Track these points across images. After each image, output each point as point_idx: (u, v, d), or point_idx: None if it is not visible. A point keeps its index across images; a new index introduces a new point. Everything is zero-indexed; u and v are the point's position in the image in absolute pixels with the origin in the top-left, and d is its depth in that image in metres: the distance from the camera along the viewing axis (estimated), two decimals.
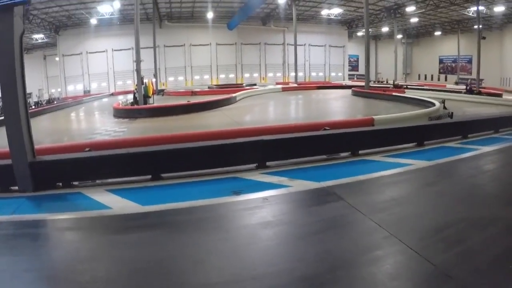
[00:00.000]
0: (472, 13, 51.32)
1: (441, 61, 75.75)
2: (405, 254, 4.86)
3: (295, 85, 51.11)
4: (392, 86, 42.89)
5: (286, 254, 5.07)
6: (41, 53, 61.75)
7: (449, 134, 13.50)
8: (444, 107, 23.40)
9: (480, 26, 46.20)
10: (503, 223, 6.01)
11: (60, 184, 8.42)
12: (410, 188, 8.28)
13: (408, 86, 45.63)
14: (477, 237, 5.45)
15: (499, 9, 48.91)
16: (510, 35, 58.36)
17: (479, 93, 36.99)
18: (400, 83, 49.08)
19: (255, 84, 54.13)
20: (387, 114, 18.65)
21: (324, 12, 58.26)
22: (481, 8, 45.69)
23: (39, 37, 55.36)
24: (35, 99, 52.83)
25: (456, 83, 62.14)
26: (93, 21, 50.43)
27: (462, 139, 13.50)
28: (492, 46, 58.11)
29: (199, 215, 6.44)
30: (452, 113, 19.38)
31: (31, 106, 40.10)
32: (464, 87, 43.87)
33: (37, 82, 59.92)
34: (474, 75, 51.16)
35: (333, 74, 71.12)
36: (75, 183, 8.53)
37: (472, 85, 41.95)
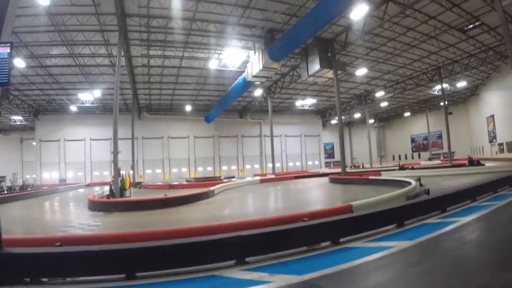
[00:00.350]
0: (437, 92, 55.49)
1: (413, 140, 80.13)
2: None
3: (273, 176, 51.44)
4: (398, 168, 43.29)
5: None
6: (19, 136, 62.26)
7: (428, 211, 13.67)
8: (420, 184, 23.77)
9: (446, 103, 49.78)
10: None
11: (28, 279, 7.95)
12: (394, 271, 8.07)
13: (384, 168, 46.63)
14: None
15: (461, 84, 53.21)
16: (474, 106, 62.51)
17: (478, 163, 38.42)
18: (405, 164, 49.62)
19: (233, 177, 54.75)
20: (365, 199, 18.63)
21: (298, 103, 60.70)
22: (445, 85, 49.06)
23: (17, 118, 56.19)
24: (8, 184, 51.91)
25: (429, 159, 64.31)
26: (73, 108, 51.47)
27: (441, 213, 13.73)
28: (460, 119, 63.63)
29: None
30: (428, 189, 19.56)
31: (3, 191, 39.37)
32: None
33: (12, 165, 59.90)
34: (446, 149, 54.40)
35: (310, 162, 72.57)
36: (44, 279, 8.07)
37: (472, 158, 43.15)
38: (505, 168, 30.29)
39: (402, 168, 42.49)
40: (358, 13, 26.27)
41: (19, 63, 32.75)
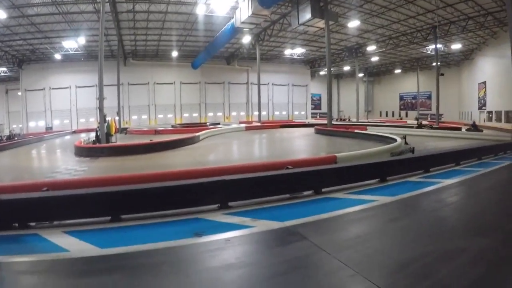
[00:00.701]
0: (431, 51, 54.10)
1: (401, 98, 78.65)
2: None
3: (259, 124, 51.62)
4: (416, 125, 42.22)
5: None
6: (4, 87, 60.80)
7: (411, 169, 13.85)
8: (406, 143, 23.87)
9: (439, 63, 48.25)
10: (469, 254, 6.10)
11: (16, 224, 8.08)
12: (374, 224, 8.29)
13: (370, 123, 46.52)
14: (444, 270, 5.46)
15: (456, 46, 51.44)
16: (467, 71, 61.33)
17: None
18: (424, 122, 47.90)
19: (219, 123, 54.56)
20: (349, 152, 18.83)
21: (287, 52, 59.69)
22: (439, 46, 47.75)
23: (1, 70, 54.83)
24: None
25: (417, 119, 63.84)
26: (57, 56, 50.28)
27: (424, 173, 13.92)
28: (451, 82, 61.85)
29: (159, 258, 6.22)
30: (413, 148, 19.75)
31: None
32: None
33: None
34: (434, 111, 53.04)
35: (296, 112, 72.31)
36: (32, 224, 8.20)
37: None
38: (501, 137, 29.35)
39: (420, 126, 41.31)
40: None
41: (1, 14, 31.64)
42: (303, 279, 5.33)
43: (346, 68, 72.56)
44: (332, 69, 50.55)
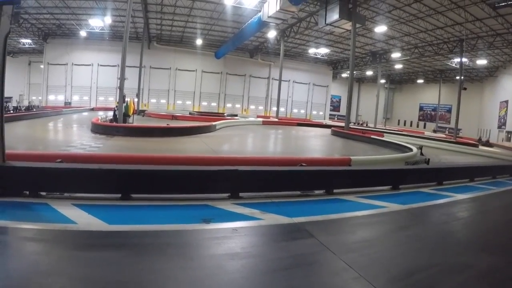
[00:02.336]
0: (455, 64, 53.01)
1: (421, 109, 77.57)
2: None
3: (276, 119, 51.44)
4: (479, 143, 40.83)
5: None
6: (27, 58, 61.55)
7: (424, 180, 13.67)
8: (421, 153, 23.67)
9: (462, 77, 47.20)
10: (474, 269, 6.05)
11: (27, 192, 8.13)
12: (382, 230, 8.27)
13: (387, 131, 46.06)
14: (449, 283, 5.43)
15: (481, 62, 50.54)
16: (490, 88, 60.14)
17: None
18: (484, 140, 47.72)
19: (236, 115, 54.44)
20: (364, 156, 18.73)
21: (311, 51, 59.40)
22: (464, 60, 46.93)
23: (26, 42, 55.61)
24: (15, 104, 52.07)
25: (434, 131, 63.08)
26: (83, 33, 50.76)
27: (437, 186, 13.72)
28: (472, 97, 60.02)
29: (165, 239, 6.25)
30: (428, 159, 19.58)
31: (9, 111, 39.51)
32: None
33: (19, 87, 59.56)
34: (452, 124, 52.20)
35: (314, 112, 72.06)
36: (43, 193, 8.23)
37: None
38: None
39: (486, 144, 40.27)
40: None
41: None
42: (306, 276, 5.31)
43: (369, 72, 71.76)
44: (354, 72, 50.09)
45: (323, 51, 59.09)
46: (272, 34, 48.18)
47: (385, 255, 6.50)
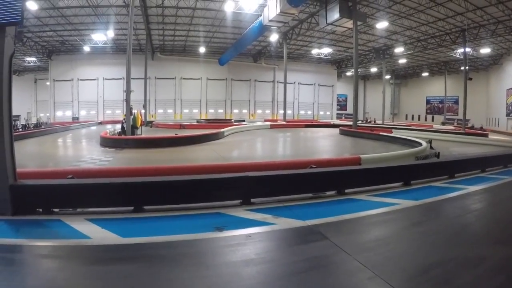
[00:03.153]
0: (459, 55, 52.68)
1: (428, 102, 76.96)
2: None
3: (284, 122, 51.53)
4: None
5: None
6: (32, 76, 62.25)
7: (435, 174, 13.57)
8: (431, 147, 23.54)
9: (467, 68, 47.02)
10: (491, 262, 6.00)
11: (40, 209, 8.23)
12: (396, 227, 8.20)
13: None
14: (465, 277, 5.40)
15: (485, 51, 50.05)
16: (495, 76, 59.60)
17: None
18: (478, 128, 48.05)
19: (243, 120, 54.68)
20: (374, 154, 18.66)
21: (314, 52, 59.31)
22: (468, 50, 46.42)
23: (31, 60, 56.16)
24: (23, 122, 52.53)
25: (443, 123, 62.63)
26: (86, 48, 51.15)
27: (448, 179, 13.60)
28: (478, 87, 59.62)
29: (180, 250, 6.29)
30: (438, 152, 19.45)
31: (18, 129, 39.86)
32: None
33: (26, 105, 60.20)
34: (460, 116, 51.84)
35: (321, 112, 71.93)
36: (56, 209, 8.32)
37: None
38: None
39: (481, 132, 40.11)
40: None
41: (32, 5, 32.19)
42: (322, 278, 5.31)
43: (373, 69, 71.60)
44: (359, 70, 49.96)
45: (326, 51, 58.92)
46: (274, 37, 48.27)
47: (400, 252, 6.48)
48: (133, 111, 28.18)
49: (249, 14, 38.30)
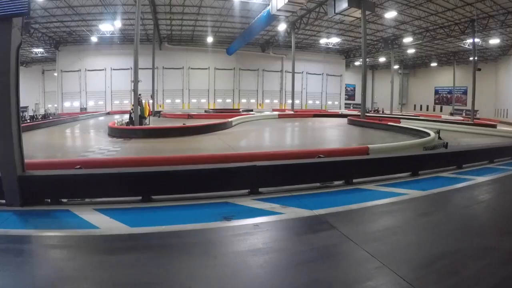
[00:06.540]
0: (468, 45, 51.71)
1: (436, 92, 76.13)
2: (398, 285, 4.73)
3: (292, 112, 51.40)
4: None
5: (275, 283, 4.92)
6: (40, 67, 62.30)
7: (444, 164, 13.51)
8: (439, 138, 23.41)
9: (476, 58, 46.67)
10: (498, 253, 5.98)
11: (49, 200, 8.26)
12: (404, 217, 8.18)
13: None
14: (472, 268, 5.38)
15: (494, 41, 49.20)
16: (505, 67, 58.98)
17: None
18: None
19: (251, 110, 54.42)
20: (382, 144, 18.62)
21: (323, 41, 58.77)
22: (477, 40, 46.02)
23: (38, 51, 56.07)
24: (31, 113, 52.68)
25: (451, 114, 62.24)
26: (94, 39, 51.16)
27: (457, 169, 13.56)
28: (487, 77, 59.26)
29: (188, 239, 6.32)
30: (447, 143, 19.33)
31: (26, 120, 39.97)
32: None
33: (34, 96, 60.33)
34: (469, 106, 51.43)
35: (329, 102, 71.61)
36: (64, 200, 8.36)
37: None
38: None
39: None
40: None
41: None
42: (330, 267, 5.32)
43: (382, 59, 70.72)
44: (367, 60, 49.63)
45: (335, 40, 58.41)
46: (282, 27, 47.94)
47: (408, 242, 6.48)
48: (141, 101, 28.23)
49: (257, 4, 38.10)
